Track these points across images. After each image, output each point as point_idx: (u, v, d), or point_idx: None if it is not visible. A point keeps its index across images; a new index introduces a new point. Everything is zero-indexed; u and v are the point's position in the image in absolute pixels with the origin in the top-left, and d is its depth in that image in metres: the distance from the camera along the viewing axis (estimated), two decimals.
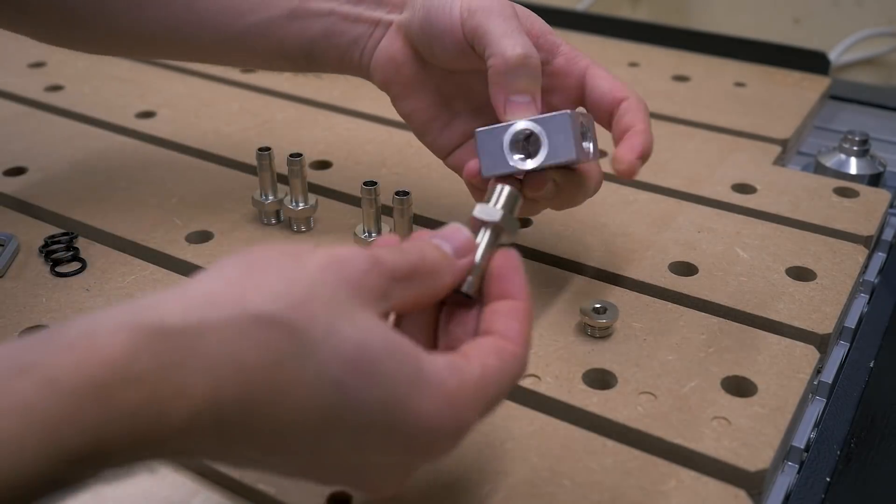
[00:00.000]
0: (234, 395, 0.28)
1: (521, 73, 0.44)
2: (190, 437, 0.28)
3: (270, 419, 0.29)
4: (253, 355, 0.28)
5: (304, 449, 0.31)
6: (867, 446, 0.47)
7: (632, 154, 0.44)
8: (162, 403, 0.27)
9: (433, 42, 0.48)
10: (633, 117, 0.46)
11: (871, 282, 0.60)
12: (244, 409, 0.28)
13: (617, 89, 0.47)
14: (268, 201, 0.60)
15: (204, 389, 0.27)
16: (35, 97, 0.80)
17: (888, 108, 0.85)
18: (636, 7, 1.29)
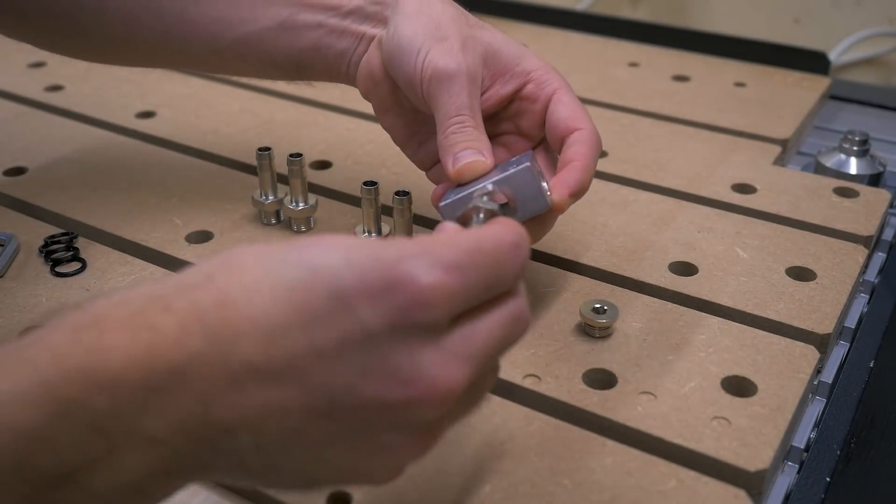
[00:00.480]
0: (211, 298, 0.30)
1: (460, 138, 0.46)
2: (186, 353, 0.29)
3: (249, 312, 0.30)
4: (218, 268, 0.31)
5: (299, 345, 0.30)
6: (867, 446, 0.47)
7: (564, 190, 0.46)
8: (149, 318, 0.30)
9: (399, 82, 0.50)
10: (578, 150, 0.47)
11: (871, 282, 0.60)
12: (224, 310, 0.30)
13: (574, 119, 0.48)
14: (268, 201, 0.60)
15: (183, 301, 0.30)
16: (35, 97, 0.80)
17: (888, 108, 0.85)
18: (636, 7, 1.29)
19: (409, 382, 0.30)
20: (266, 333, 0.30)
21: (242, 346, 0.29)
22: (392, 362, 0.30)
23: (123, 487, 0.29)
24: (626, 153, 0.71)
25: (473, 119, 0.47)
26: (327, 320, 0.30)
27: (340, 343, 0.30)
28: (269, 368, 0.30)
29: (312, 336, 0.30)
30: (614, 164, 0.69)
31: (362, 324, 0.30)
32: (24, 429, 0.27)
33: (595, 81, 0.84)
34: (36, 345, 0.29)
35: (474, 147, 0.47)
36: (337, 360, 0.30)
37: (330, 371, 0.30)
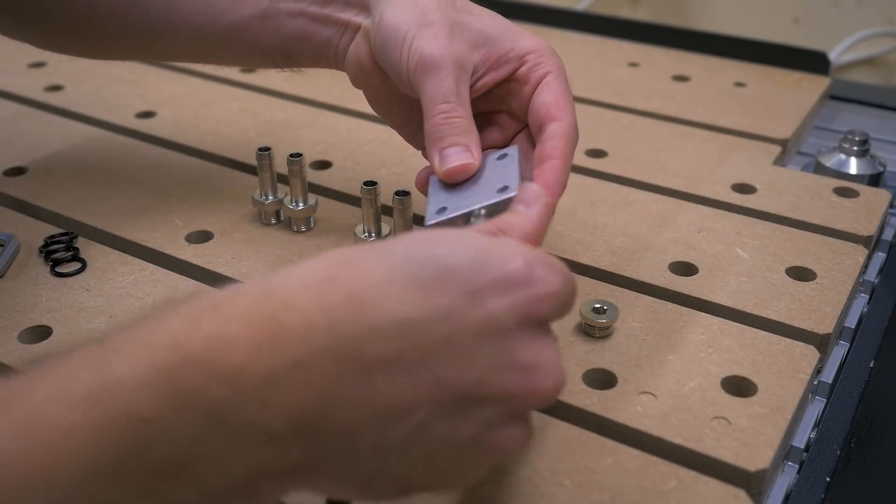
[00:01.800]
0: (338, 296, 0.30)
1: (446, 133, 0.46)
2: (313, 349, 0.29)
3: (382, 307, 0.30)
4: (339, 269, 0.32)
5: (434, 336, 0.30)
6: (867, 446, 0.47)
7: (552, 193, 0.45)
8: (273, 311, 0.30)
9: (388, 71, 0.49)
10: (556, 146, 0.46)
11: (871, 282, 0.60)
12: (353, 306, 0.30)
13: (556, 107, 0.47)
14: (268, 201, 0.60)
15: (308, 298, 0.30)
16: (35, 97, 0.80)
17: (888, 108, 0.85)
18: (636, 7, 1.29)
19: (534, 371, 0.32)
20: (401, 327, 0.30)
21: (376, 341, 0.30)
22: (519, 355, 0.32)
23: (236, 485, 0.29)
24: (626, 153, 0.71)
25: (461, 107, 0.46)
26: (464, 316, 0.31)
27: (475, 337, 0.31)
28: (404, 361, 0.30)
29: (449, 331, 0.30)
30: (614, 164, 0.69)
31: (495, 317, 0.31)
32: (142, 415, 0.27)
33: (595, 81, 0.84)
34: (154, 331, 0.29)
35: (461, 143, 0.46)
36: (471, 354, 0.31)
37: (464, 366, 0.31)
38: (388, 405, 0.30)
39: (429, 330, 0.30)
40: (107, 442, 0.26)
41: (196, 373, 0.28)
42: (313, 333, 0.29)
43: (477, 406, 0.31)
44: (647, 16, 1.28)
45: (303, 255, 0.57)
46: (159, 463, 0.27)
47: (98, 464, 0.26)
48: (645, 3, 1.29)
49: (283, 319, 0.29)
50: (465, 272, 0.31)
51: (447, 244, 0.32)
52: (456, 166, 0.45)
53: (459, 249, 0.32)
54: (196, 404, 0.27)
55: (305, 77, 0.84)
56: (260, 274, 0.55)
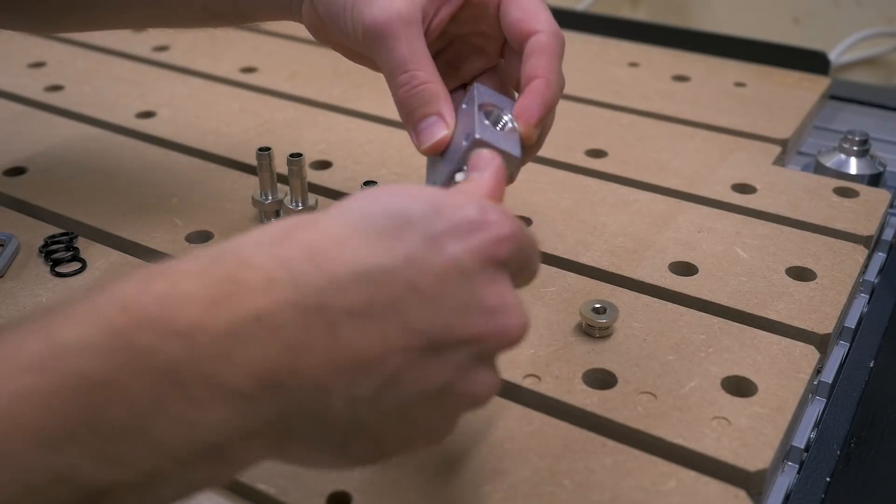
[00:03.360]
0: (298, 251, 0.30)
1: (414, 105, 0.45)
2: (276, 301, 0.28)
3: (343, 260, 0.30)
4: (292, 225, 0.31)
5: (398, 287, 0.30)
6: (867, 446, 0.47)
7: (529, 119, 0.43)
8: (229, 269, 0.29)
9: (342, 40, 0.48)
10: (538, 62, 0.44)
11: (871, 282, 0.60)
12: (314, 260, 0.30)
13: (526, 20, 0.44)
14: (268, 201, 0.60)
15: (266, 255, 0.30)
16: (35, 97, 0.80)
17: (888, 108, 0.85)
18: (636, 7, 1.29)
19: (500, 312, 0.32)
20: (364, 277, 0.30)
21: (339, 292, 0.29)
22: (484, 297, 0.32)
23: (202, 448, 0.27)
24: (626, 153, 0.71)
25: (420, 70, 0.44)
26: (426, 262, 0.31)
27: (440, 282, 0.31)
28: (371, 311, 0.30)
29: (413, 277, 0.30)
30: (614, 164, 0.69)
31: (457, 260, 0.31)
32: (94, 378, 0.26)
33: (595, 81, 0.84)
34: (103, 295, 0.28)
35: (432, 112, 0.44)
36: (437, 299, 0.31)
37: (431, 311, 0.31)
38: (358, 356, 0.29)
39: (392, 278, 0.30)
40: (59, 406, 0.25)
41: (149, 332, 0.27)
42: (274, 287, 0.28)
43: (447, 351, 0.31)
44: (647, 16, 1.28)
45: None
46: (116, 426, 0.26)
47: (51, 430, 0.25)
48: (645, 3, 1.29)
49: (240, 276, 0.28)
50: (421, 220, 0.31)
51: (401, 196, 0.32)
52: (434, 143, 0.45)
53: (413, 200, 0.32)
54: (151, 364, 0.26)
55: (305, 77, 0.84)
56: None
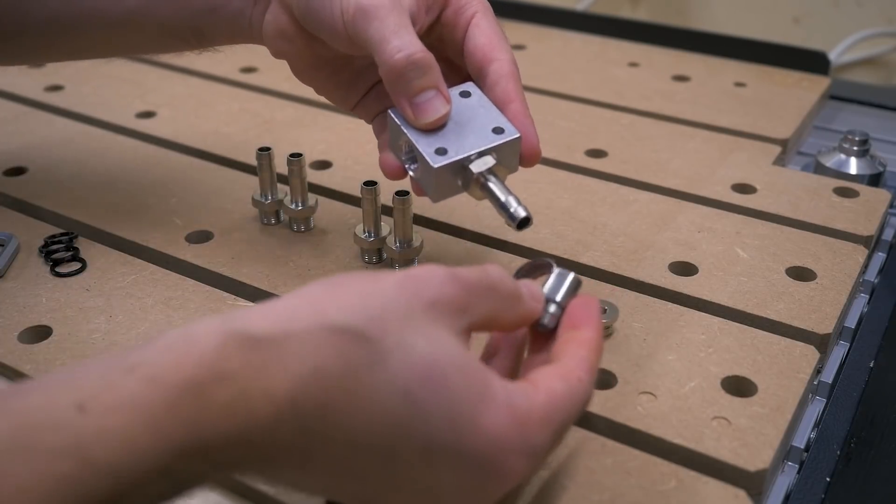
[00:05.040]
0: (313, 399, 0.29)
1: (413, 76, 0.43)
2: (275, 441, 0.29)
3: (345, 427, 0.30)
4: (330, 362, 0.30)
5: (377, 466, 0.31)
6: (867, 446, 0.47)
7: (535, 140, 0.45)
8: (249, 401, 0.28)
9: (319, 33, 0.47)
10: (507, 87, 0.45)
11: (871, 282, 0.60)
12: (322, 414, 0.29)
13: (489, 47, 0.46)
14: (268, 201, 0.60)
15: (286, 391, 0.29)
16: (35, 97, 0.80)
17: (888, 108, 0.85)
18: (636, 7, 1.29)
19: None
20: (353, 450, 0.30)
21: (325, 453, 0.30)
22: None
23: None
24: (626, 153, 0.71)
25: (416, 41, 0.43)
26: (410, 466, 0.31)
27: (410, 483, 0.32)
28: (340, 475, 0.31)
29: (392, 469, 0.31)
30: (614, 164, 0.69)
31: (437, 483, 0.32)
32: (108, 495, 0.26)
33: (595, 81, 0.84)
34: (134, 410, 0.27)
35: (431, 84, 0.44)
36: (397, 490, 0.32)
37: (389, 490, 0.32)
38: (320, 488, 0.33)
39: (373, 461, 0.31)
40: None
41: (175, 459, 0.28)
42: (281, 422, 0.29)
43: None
44: (647, 16, 1.28)
45: (302, 254, 0.57)
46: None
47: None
48: (645, 3, 1.29)
49: (255, 408, 0.29)
50: (432, 428, 0.31)
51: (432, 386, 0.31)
52: (436, 119, 0.44)
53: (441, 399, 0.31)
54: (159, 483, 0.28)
55: None
56: (260, 275, 0.55)
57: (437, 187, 0.45)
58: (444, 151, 0.44)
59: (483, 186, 0.44)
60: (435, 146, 0.44)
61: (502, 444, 0.32)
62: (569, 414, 0.35)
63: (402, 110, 0.45)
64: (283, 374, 0.29)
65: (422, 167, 0.45)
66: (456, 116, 0.45)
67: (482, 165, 0.44)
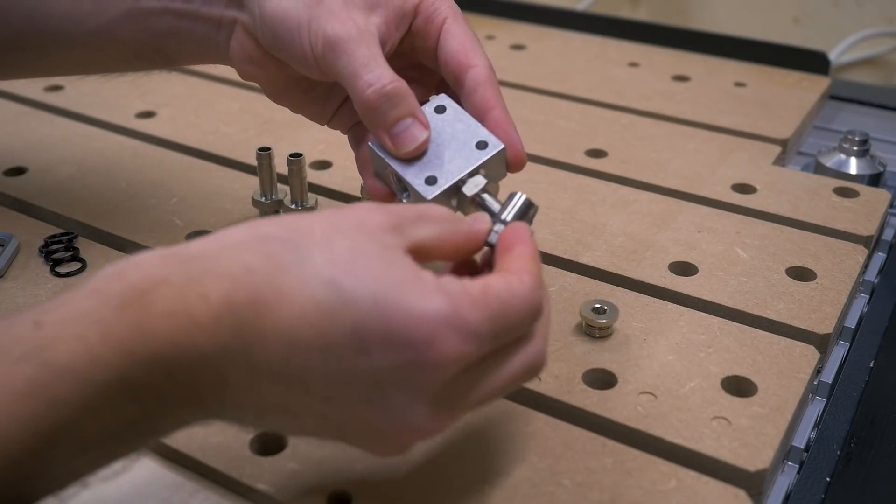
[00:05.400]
0: (246, 295, 0.32)
1: (387, 108, 0.43)
2: (220, 347, 0.31)
3: (277, 323, 0.32)
4: (260, 262, 0.32)
5: (315, 363, 0.32)
6: (867, 446, 0.47)
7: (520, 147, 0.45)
8: (188, 304, 0.31)
9: (290, 63, 0.47)
10: (486, 93, 0.45)
11: (871, 282, 0.60)
12: (255, 310, 0.32)
13: (464, 53, 0.45)
14: (268, 201, 0.60)
15: (220, 291, 0.31)
16: (35, 97, 0.80)
17: (888, 108, 0.85)
18: (636, 7, 1.29)
19: (396, 420, 0.33)
20: (287, 345, 0.32)
21: (264, 350, 0.32)
22: (390, 401, 0.33)
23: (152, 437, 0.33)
24: (626, 153, 0.71)
25: (387, 71, 0.43)
26: (342, 354, 0.32)
27: (349, 375, 0.32)
28: (283, 376, 0.32)
29: (327, 361, 0.32)
30: (614, 164, 0.69)
31: (373, 368, 0.32)
32: (80, 404, 0.29)
33: (595, 81, 0.84)
34: (84, 319, 0.30)
35: (406, 113, 0.44)
36: (343, 385, 0.32)
37: (335, 392, 0.33)
38: (271, 404, 0.33)
39: (309, 355, 0.32)
40: (42, 428, 0.29)
41: (123, 361, 0.30)
42: (220, 333, 0.31)
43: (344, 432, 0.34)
44: (647, 16, 1.28)
45: None
46: (89, 438, 0.30)
47: (32, 445, 0.29)
48: (645, 3, 1.29)
49: (198, 315, 0.31)
50: (356, 312, 0.32)
51: (356, 273, 0.32)
52: (416, 147, 0.44)
53: (364, 283, 0.32)
54: (121, 389, 0.30)
55: None
56: None
57: None
58: (433, 180, 0.43)
59: (479, 205, 0.44)
60: (423, 175, 0.44)
61: (431, 318, 0.32)
62: (507, 304, 0.34)
63: (382, 142, 0.45)
64: (218, 277, 0.32)
65: (414, 197, 0.44)
66: (436, 137, 0.45)
67: (474, 187, 0.43)
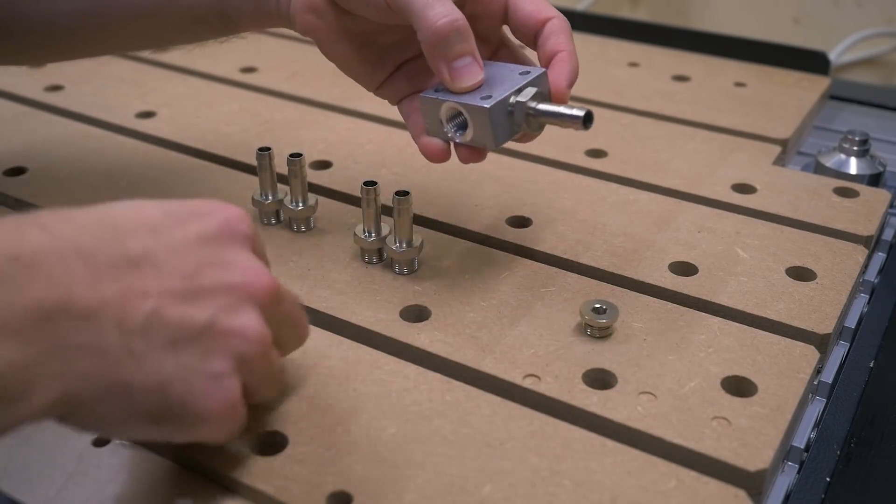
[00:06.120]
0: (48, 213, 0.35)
1: (453, 41, 0.45)
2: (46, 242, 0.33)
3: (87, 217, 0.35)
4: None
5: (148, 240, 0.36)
6: (867, 446, 0.47)
7: (563, 83, 0.47)
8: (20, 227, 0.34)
9: (352, 2, 0.48)
10: (558, 40, 0.48)
11: (871, 282, 0.60)
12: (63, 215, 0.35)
13: (539, 10, 0.48)
14: (268, 201, 0.60)
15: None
16: (35, 97, 0.80)
17: (888, 108, 0.85)
18: (636, 7, 1.29)
19: (243, 270, 0.38)
20: (115, 231, 0.35)
21: (94, 241, 0.34)
22: (226, 257, 0.38)
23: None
24: (626, 153, 0.71)
25: (457, 10, 0.45)
26: (168, 227, 0.37)
27: (183, 241, 0.37)
28: (127, 258, 0.35)
29: (159, 235, 0.36)
30: (614, 164, 0.69)
31: (197, 230, 0.37)
32: None
33: (595, 81, 0.84)
34: None
35: (469, 50, 0.46)
36: (185, 251, 0.36)
37: (180, 259, 0.36)
38: (121, 294, 0.34)
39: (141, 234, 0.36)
40: None
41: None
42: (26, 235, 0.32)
43: (202, 295, 0.36)
44: (647, 16, 1.28)
45: (303, 254, 0.57)
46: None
47: None
48: (645, 3, 1.29)
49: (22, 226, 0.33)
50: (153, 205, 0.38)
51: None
52: (472, 83, 0.46)
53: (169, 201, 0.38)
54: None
55: (305, 77, 0.84)
56: None
57: (494, 131, 0.47)
58: (488, 97, 0.46)
59: (536, 113, 0.47)
60: (478, 97, 0.47)
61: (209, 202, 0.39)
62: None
63: (441, 75, 0.46)
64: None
65: (473, 122, 0.47)
66: (486, 78, 0.48)
67: (527, 95, 0.47)
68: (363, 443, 0.43)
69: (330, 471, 0.41)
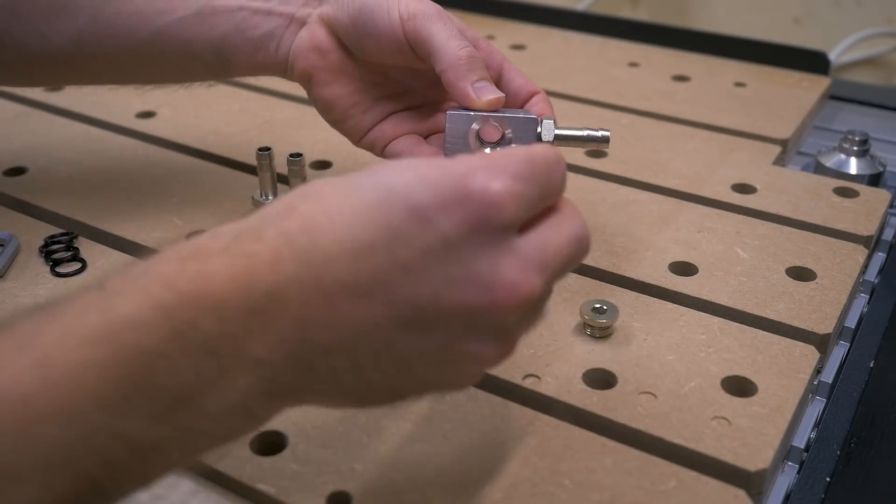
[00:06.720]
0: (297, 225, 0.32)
1: (476, 67, 0.49)
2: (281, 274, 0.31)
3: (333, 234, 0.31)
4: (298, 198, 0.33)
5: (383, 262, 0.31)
6: (867, 446, 0.47)
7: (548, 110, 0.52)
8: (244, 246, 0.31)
9: (366, 39, 0.51)
10: (542, 107, 0.53)
11: (871, 282, 0.60)
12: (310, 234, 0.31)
13: (528, 84, 0.54)
14: (268, 201, 0.60)
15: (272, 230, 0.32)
16: (35, 97, 0.80)
17: (888, 108, 0.85)
18: (636, 7, 1.29)
19: (491, 287, 0.32)
20: (351, 253, 0.31)
21: (331, 266, 0.31)
22: (474, 269, 0.32)
23: (232, 408, 0.31)
24: (626, 153, 0.71)
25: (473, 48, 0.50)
26: (408, 235, 0.32)
27: (423, 255, 0.32)
28: (357, 285, 0.31)
29: (395, 252, 0.31)
30: (614, 164, 0.69)
31: (442, 234, 0.32)
32: (146, 349, 0.29)
33: (595, 81, 0.84)
34: (145, 275, 0.31)
35: (486, 77, 0.50)
36: (421, 272, 0.32)
37: (415, 283, 0.32)
38: (352, 325, 0.32)
39: (376, 253, 0.31)
40: (116, 374, 0.29)
41: (188, 308, 0.30)
42: (281, 264, 0.31)
43: (438, 321, 0.32)
44: (647, 16, 1.28)
45: None
46: (164, 392, 0.29)
47: (111, 394, 0.28)
48: (645, 3, 1.29)
49: (254, 253, 0.31)
50: (405, 193, 0.32)
51: (393, 168, 0.33)
52: (496, 98, 0.49)
53: (402, 171, 0.33)
54: (191, 337, 0.29)
55: None
56: None
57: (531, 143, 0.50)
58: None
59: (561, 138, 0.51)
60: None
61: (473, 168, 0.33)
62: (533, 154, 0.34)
63: (466, 94, 0.49)
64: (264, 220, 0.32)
65: (516, 133, 0.50)
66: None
67: (551, 127, 0.51)
68: (363, 443, 0.43)
69: (330, 471, 0.41)
